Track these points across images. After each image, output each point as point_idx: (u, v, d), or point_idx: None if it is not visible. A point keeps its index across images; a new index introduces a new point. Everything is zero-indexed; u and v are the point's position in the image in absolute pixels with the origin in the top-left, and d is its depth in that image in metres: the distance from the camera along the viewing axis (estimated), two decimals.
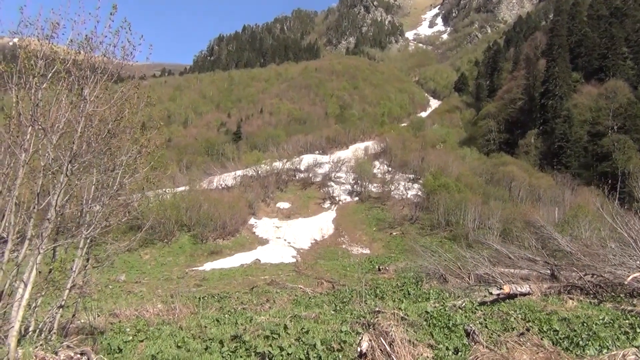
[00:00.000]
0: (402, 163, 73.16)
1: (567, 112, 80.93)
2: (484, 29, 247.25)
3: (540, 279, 16.40)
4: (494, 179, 65.17)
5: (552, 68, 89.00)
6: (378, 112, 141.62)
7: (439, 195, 50.84)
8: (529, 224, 34.89)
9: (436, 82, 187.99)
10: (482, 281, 17.83)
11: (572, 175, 70.37)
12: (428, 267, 21.26)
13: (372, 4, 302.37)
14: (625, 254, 15.22)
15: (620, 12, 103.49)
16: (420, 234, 48.37)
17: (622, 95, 78.12)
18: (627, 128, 74.80)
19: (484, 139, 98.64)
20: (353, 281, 26.62)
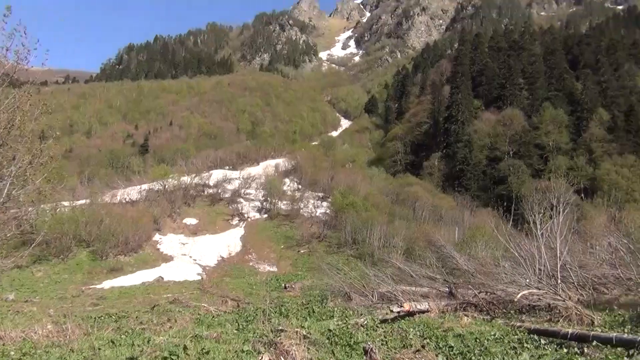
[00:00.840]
0: (312, 181, 73.74)
1: (468, 137, 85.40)
2: (394, 54, 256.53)
3: (439, 296, 16.95)
4: (400, 199, 67.12)
5: (456, 95, 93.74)
6: (290, 130, 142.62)
7: (346, 213, 51.63)
8: (431, 243, 36.17)
9: (347, 102, 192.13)
10: (385, 299, 18.17)
11: (472, 197, 74.05)
12: (333, 285, 21.41)
13: (288, 22, 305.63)
14: (516, 273, 16.07)
15: (518, 45, 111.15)
16: (327, 252, 48.75)
17: (518, 123, 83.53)
18: (521, 154, 79.97)
19: (391, 160, 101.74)
20: (259, 299, 26.31)
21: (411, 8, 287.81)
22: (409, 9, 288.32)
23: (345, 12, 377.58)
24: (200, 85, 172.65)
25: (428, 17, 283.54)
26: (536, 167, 78.12)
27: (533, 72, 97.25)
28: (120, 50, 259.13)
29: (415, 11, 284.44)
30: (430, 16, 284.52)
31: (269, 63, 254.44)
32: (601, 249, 23.01)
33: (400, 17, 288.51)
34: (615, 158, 74.34)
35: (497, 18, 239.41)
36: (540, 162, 79.54)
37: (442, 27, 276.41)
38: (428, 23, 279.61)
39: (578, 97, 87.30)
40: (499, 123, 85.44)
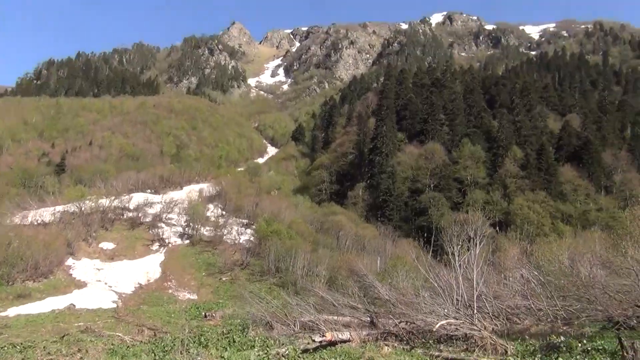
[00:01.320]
0: (237, 207, 72.89)
1: (392, 169, 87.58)
2: (322, 84, 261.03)
3: (360, 325, 17.03)
4: (324, 228, 67.49)
5: (381, 127, 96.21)
6: (216, 155, 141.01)
7: (270, 241, 51.22)
8: (354, 272, 36.47)
9: (275, 130, 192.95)
10: (307, 328, 18.03)
11: (394, 227, 75.60)
12: (255, 314, 21.05)
13: (217, 47, 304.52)
14: (435, 303, 16.44)
15: (440, 83, 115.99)
16: (250, 279, 48.04)
17: (439, 157, 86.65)
18: (441, 187, 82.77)
19: (316, 189, 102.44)
20: (177, 328, 25.41)
21: (340, 41, 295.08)
22: (338, 41, 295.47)
23: (275, 41, 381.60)
24: (124, 105, 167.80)
25: (356, 50, 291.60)
26: (455, 200, 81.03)
27: (453, 109, 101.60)
28: (39, 64, 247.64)
29: (344, 44, 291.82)
30: (358, 50, 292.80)
31: (197, 87, 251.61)
32: (514, 281, 24.00)
33: (329, 49, 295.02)
34: (527, 194, 78.40)
35: (421, 56, 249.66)
36: (459, 195, 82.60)
37: (369, 61, 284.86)
38: (356, 56, 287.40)
39: (494, 134, 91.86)
40: (421, 156, 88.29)
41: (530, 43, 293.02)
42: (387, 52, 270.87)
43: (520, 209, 74.75)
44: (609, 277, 20.67)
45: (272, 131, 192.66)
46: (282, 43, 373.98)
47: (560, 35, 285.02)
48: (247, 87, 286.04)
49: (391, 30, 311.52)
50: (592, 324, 19.66)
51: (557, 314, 20.23)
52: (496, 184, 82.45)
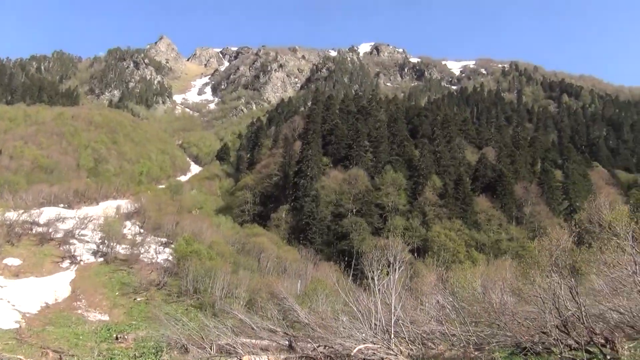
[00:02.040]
0: (156, 225, 70.79)
1: (316, 192, 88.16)
2: (249, 105, 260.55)
3: (279, 349, 16.84)
4: (245, 249, 66.76)
5: (306, 150, 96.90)
6: (136, 171, 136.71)
7: (189, 261, 49.92)
8: (274, 295, 36.16)
9: (199, 148, 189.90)
10: (224, 352, 17.63)
11: (316, 251, 75.86)
12: (170, 337, 20.37)
13: (143, 61, 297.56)
14: (354, 327, 16.54)
15: (366, 110, 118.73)
16: (166, 300, 46.55)
17: (362, 183, 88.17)
18: (363, 212, 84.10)
19: (239, 209, 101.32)
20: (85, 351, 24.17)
21: (269, 63, 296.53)
22: (267, 64, 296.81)
23: (203, 59, 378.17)
24: (40, 114, 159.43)
25: (285, 74, 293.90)
26: (376, 225, 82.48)
27: (378, 136, 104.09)
28: None
29: (273, 67, 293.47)
30: (287, 73, 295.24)
31: (119, 100, 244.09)
32: (430, 306, 24.59)
33: (258, 70, 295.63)
34: (444, 222, 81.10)
35: (348, 83, 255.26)
36: (380, 220, 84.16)
37: (298, 85, 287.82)
38: (284, 79, 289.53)
39: (416, 163, 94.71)
40: (344, 181, 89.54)
41: (452, 78, 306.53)
42: (315, 77, 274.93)
43: (437, 236, 77.07)
44: (518, 304, 21.58)
45: (197, 149, 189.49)
46: (210, 61, 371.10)
47: (479, 72, 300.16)
48: (172, 103, 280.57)
49: (320, 57, 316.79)
50: (502, 349, 20.40)
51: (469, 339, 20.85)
52: (416, 211, 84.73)
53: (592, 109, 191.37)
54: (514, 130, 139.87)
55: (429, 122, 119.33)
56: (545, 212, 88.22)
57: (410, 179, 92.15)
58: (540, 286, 17.92)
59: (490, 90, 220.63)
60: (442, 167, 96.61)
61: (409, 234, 76.79)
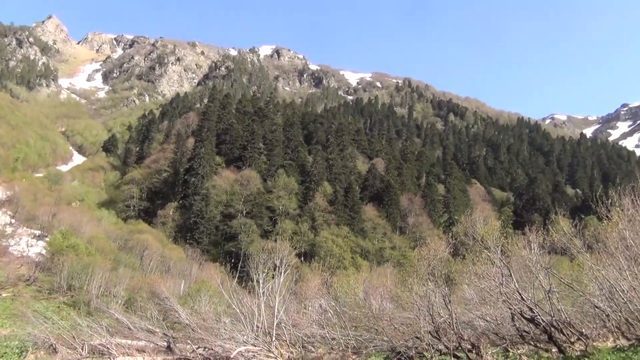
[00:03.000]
0: (30, 216, 65.91)
1: (206, 192, 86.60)
2: (142, 97, 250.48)
3: (156, 351, 16.33)
4: (128, 246, 64.10)
5: (199, 148, 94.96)
6: (11, 156, 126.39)
7: (65, 256, 46.97)
8: (155, 294, 35.00)
9: (84, 137, 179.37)
10: (97, 352, 16.78)
11: (202, 251, 74.55)
12: (37, 336, 19.02)
13: (27, 39, 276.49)
14: (236, 329, 16.42)
15: (262, 112, 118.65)
16: (36, 297, 43.36)
17: (254, 185, 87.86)
18: (254, 214, 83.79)
19: (124, 204, 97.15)
20: None
21: (166, 56, 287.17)
22: (164, 56, 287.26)
23: (95, 44, 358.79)
24: None
25: (182, 68, 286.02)
26: (265, 228, 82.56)
27: (273, 139, 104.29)
28: None
29: (170, 60, 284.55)
30: (184, 68, 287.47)
31: None
32: (313, 310, 25.00)
33: (154, 62, 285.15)
34: (332, 228, 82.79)
35: (247, 84, 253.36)
36: (269, 223, 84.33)
37: (195, 80, 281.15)
38: (181, 74, 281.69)
39: (308, 169, 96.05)
40: (236, 182, 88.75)
41: (349, 88, 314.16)
42: (214, 74, 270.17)
43: (325, 241, 78.50)
44: (396, 310, 22.51)
45: (82, 138, 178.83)
46: (103, 47, 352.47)
47: (375, 85, 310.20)
48: (57, 87, 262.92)
49: (220, 54, 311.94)
50: (378, 353, 21.16)
51: (348, 343, 21.42)
52: (305, 215, 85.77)
53: (475, 129, 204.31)
54: (403, 143, 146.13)
55: (324, 130, 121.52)
56: (427, 224, 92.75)
57: (302, 184, 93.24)
58: (417, 294, 18.82)
59: (384, 104, 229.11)
60: (334, 174, 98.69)
61: (298, 238, 77.61)
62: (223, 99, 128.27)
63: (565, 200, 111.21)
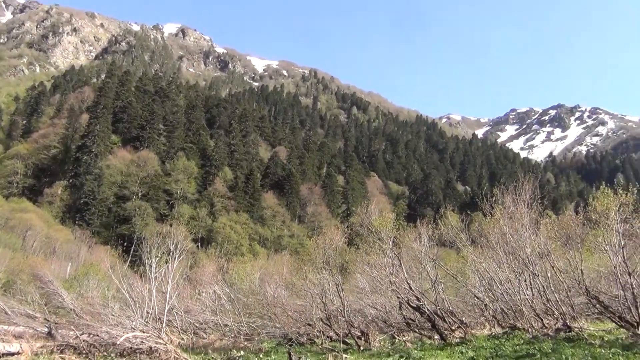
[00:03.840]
0: None
1: (100, 171, 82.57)
2: (32, 67, 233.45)
3: (35, 337, 15.38)
4: (9, 225, 59.90)
5: (94, 125, 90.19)
6: None
7: None
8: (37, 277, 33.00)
9: None
10: None
11: (93, 233, 71.14)
12: None
13: None
14: (125, 315, 15.84)
15: (164, 93, 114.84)
16: None
17: (152, 167, 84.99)
18: (150, 197, 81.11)
19: (6, 180, 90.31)
20: None
21: (61, 25, 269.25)
22: (59, 25, 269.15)
23: None
24: None
25: (78, 39, 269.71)
26: (162, 212, 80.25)
27: (174, 121, 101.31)
28: None
29: (66, 29, 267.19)
30: (81, 39, 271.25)
31: None
32: (207, 296, 24.70)
33: (48, 30, 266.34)
34: (231, 214, 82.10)
35: (149, 62, 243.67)
36: (166, 207, 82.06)
37: (92, 54, 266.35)
38: (77, 45, 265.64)
39: (210, 153, 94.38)
40: (133, 163, 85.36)
41: (255, 74, 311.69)
42: (113, 49, 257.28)
43: (223, 227, 77.73)
44: (290, 298, 22.78)
45: None
46: None
47: (281, 74, 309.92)
48: None
49: (121, 29, 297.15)
50: (271, 339, 21.35)
51: (241, 329, 21.42)
52: (204, 200, 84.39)
53: (376, 124, 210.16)
54: (306, 133, 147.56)
55: (228, 115, 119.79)
56: (325, 213, 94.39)
57: (202, 168, 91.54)
58: (311, 282, 19.15)
59: (290, 93, 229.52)
60: (236, 160, 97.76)
61: (195, 223, 76.28)
62: (122, 75, 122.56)
63: (456, 196, 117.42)
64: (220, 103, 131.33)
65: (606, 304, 15.13)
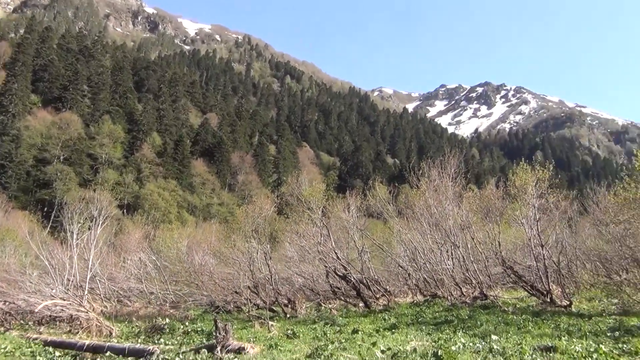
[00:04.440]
0: None
1: (17, 132, 78.06)
2: None
3: None
4: None
5: (12, 83, 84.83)
6: None
7: None
8: None
9: None
10: None
11: (9, 197, 67.52)
12: None
13: None
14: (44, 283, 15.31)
15: (89, 52, 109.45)
16: None
17: (74, 129, 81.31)
18: (72, 161, 77.75)
19: None
20: None
21: None
22: None
23: None
24: None
25: None
26: (85, 177, 77.21)
27: (99, 82, 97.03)
28: None
29: None
30: None
31: None
32: (132, 264, 24.21)
33: None
34: (159, 181, 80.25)
35: (72, 18, 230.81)
36: (90, 172, 78.99)
37: (10, 7, 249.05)
38: None
39: (137, 117, 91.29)
40: (54, 125, 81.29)
41: (186, 37, 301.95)
42: (33, 2, 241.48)
43: (150, 194, 75.99)
44: (218, 266, 22.74)
45: None
46: None
47: (214, 38, 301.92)
48: None
49: None
50: (197, 307, 21.29)
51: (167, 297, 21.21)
52: (131, 166, 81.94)
53: (309, 94, 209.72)
54: (238, 101, 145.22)
55: (157, 78, 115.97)
56: (256, 182, 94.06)
57: (129, 132, 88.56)
58: (240, 250, 19.16)
59: (222, 58, 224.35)
60: (165, 125, 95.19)
61: (121, 189, 74.23)
62: (43, 31, 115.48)
63: (385, 168, 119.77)
64: (150, 66, 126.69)
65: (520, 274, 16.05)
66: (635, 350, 7.83)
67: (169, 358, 9.37)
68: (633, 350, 7.82)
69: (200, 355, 9.34)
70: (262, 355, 9.23)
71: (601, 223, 20.84)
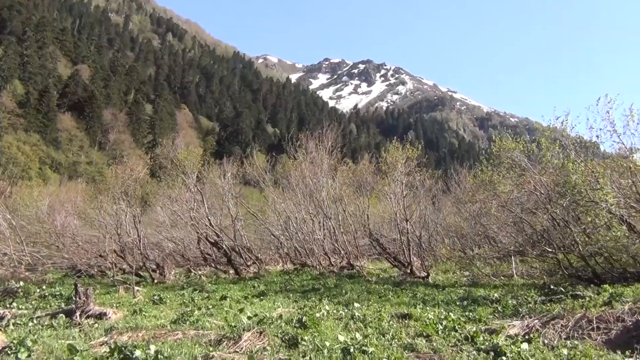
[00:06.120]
0: None
1: None
2: None
3: None
4: None
5: None
6: None
7: None
8: None
9: None
10: None
11: None
12: None
13: None
14: None
15: None
16: None
17: None
18: None
19: None
20: None
21: None
22: None
23: None
24: None
25: None
26: None
27: None
28: None
29: None
30: None
31: None
32: None
33: None
34: (20, 133, 74.12)
35: None
36: None
37: None
38: None
39: None
40: None
41: None
42: None
43: (8, 147, 70.17)
44: (82, 228, 21.58)
45: None
46: None
47: None
48: None
49: None
50: (57, 270, 20.12)
51: (22, 259, 19.79)
52: None
53: (191, 54, 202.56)
54: (114, 54, 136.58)
55: (22, 20, 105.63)
56: (129, 142, 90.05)
57: None
58: (107, 212, 18.29)
59: (98, 7, 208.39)
60: (29, 73, 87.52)
61: None
62: None
63: (265, 137, 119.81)
64: (14, 5, 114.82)
65: (385, 246, 16.96)
66: (479, 317, 8.66)
67: (21, 323, 8.85)
68: (477, 318, 8.64)
69: (57, 320, 8.88)
70: (125, 321, 8.96)
71: (460, 202, 22.56)
